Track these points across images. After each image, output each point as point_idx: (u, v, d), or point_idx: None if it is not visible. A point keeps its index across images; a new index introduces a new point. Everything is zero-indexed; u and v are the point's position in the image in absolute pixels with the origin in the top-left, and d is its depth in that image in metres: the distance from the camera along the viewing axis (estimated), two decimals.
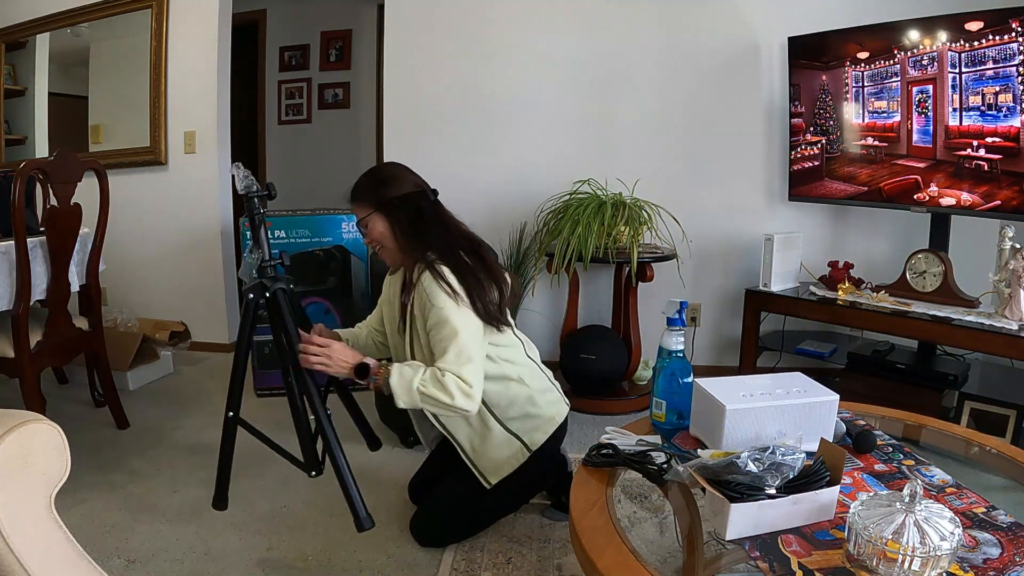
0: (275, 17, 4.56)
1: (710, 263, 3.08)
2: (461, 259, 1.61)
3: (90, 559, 0.78)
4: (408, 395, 1.51)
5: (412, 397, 1.51)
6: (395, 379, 1.52)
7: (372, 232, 1.68)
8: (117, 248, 3.07)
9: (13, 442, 0.70)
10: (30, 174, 2.08)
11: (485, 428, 1.69)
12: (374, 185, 1.69)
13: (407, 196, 1.67)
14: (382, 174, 1.74)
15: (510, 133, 3.11)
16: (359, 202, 1.69)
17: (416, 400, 1.52)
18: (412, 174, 1.74)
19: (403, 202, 1.66)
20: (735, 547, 0.99)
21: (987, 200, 2.29)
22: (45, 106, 3.60)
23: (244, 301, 1.74)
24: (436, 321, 1.54)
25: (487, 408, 1.68)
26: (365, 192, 1.69)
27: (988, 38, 2.19)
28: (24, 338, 2.09)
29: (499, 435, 1.70)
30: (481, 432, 1.70)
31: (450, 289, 1.54)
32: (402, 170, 1.75)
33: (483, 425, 1.69)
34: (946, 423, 1.55)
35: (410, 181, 1.71)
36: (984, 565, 0.92)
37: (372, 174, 1.75)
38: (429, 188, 1.72)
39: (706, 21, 2.94)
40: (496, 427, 1.69)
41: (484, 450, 1.70)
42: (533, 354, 1.82)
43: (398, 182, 1.69)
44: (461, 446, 1.71)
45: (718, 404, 1.22)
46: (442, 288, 1.54)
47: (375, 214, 1.66)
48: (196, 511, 1.96)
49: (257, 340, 2.88)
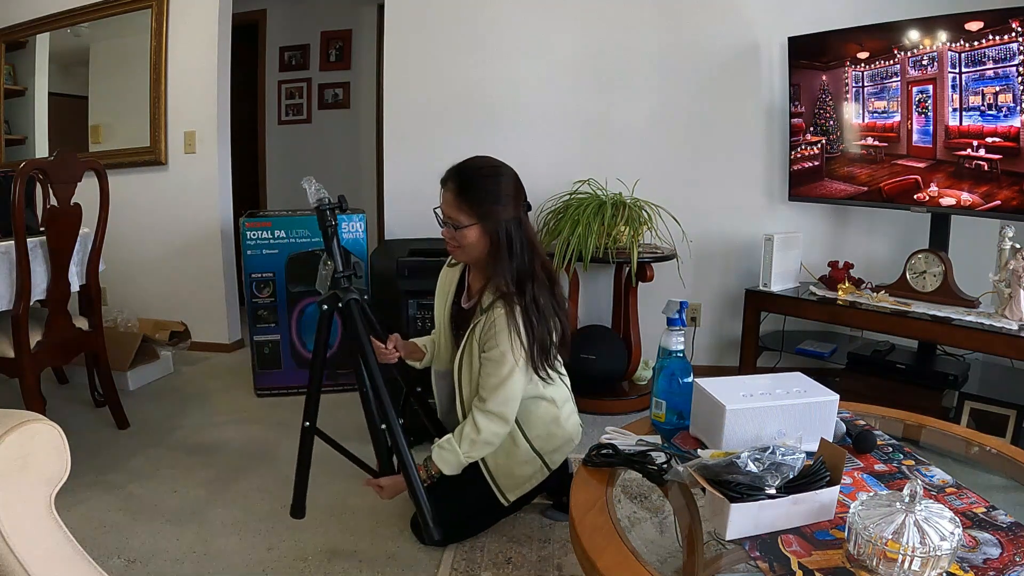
0: (275, 17, 4.56)
1: (710, 263, 3.08)
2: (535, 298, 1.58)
3: (90, 559, 0.78)
4: (458, 468, 1.66)
5: (462, 466, 1.66)
6: (443, 467, 1.66)
7: (463, 237, 1.59)
8: (117, 248, 3.06)
9: (13, 442, 0.70)
10: (30, 174, 2.09)
11: (512, 444, 1.72)
12: (488, 197, 1.57)
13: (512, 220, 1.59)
14: (498, 187, 1.60)
15: (510, 133, 3.11)
16: (465, 205, 1.57)
17: (465, 464, 1.67)
18: (520, 185, 1.65)
19: (507, 224, 1.58)
20: (735, 547, 0.99)
21: (987, 200, 2.29)
22: (45, 106, 3.60)
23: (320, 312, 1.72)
24: (495, 358, 1.59)
25: (517, 424, 1.72)
26: (476, 199, 1.57)
27: (988, 38, 2.19)
28: (24, 338, 2.09)
29: (524, 452, 1.73)
30: (508, 448, 1.73)
31: (517, 334, 1.57)
32: (514, 183, 1.64)
33: (511, 441, 1.72)
34: (946, 423, 1.55)
35: (519, 199, 1.63)
36: (984, 565, 0.92)
37: (487, 182, 1.60)
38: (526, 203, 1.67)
39: (706, 21, 2.94)
40: (523, 444, 1.73)
41: (507, 467, 1.73)
42: (565, 379, 1.84)
43: (509, 201, 1.60)
44: (484, 462, 1.73)
45: (718, 404, 1.22)
46: (511, 330, 1.56)
47: (477, 225, 1.58)
48: (196, 511, 1.96)
49: (257, 340, 2.88)
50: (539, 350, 1.60)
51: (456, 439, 1.64)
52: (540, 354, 1.60)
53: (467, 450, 1.63)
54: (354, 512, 1.96)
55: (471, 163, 1.63)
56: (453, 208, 1.58)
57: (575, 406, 1.86)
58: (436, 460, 1.64)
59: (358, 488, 2.09)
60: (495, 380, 1.60)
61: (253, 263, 2.82)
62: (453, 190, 1.58)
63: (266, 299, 2.86)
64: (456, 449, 1.63)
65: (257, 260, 2.82)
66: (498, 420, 1.62)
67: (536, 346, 1.59)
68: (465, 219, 1.58)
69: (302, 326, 2.86)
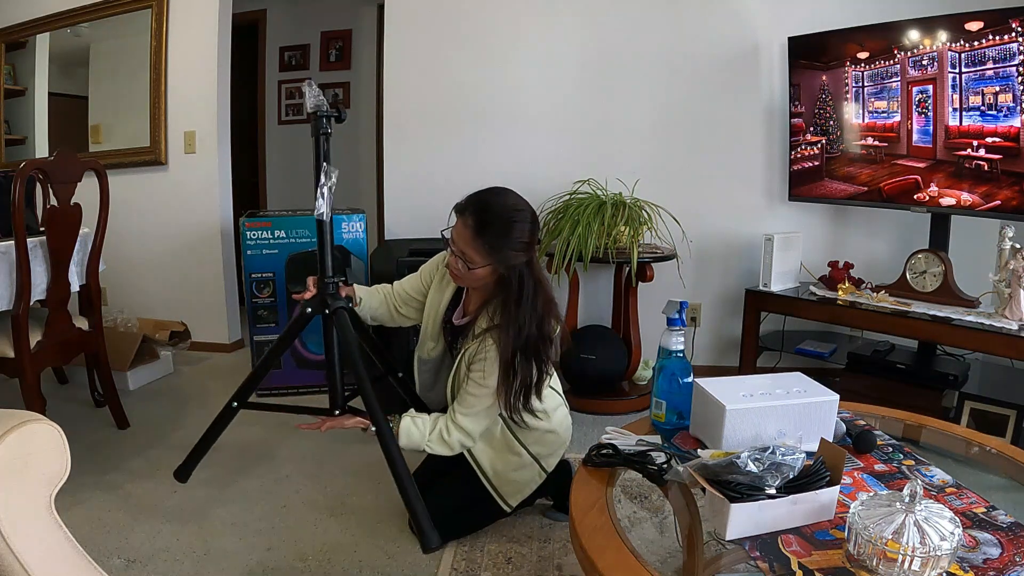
0: (275, 17, 4.56)
1: (710, 263, 3.08)
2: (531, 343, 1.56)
3: (90, 559, 0.78)
4: (413, 448, 1.65)
5: (417, 448, 1.66)
6: (404, 440, 1.64)
7: (472, 273, 1.55)
8: (117, 248, 3.07)
9: (13, 442, 0.70)
10: (30, 174, 2.08)
11: (510, 453, 1.74)
12: (508, 243, 1.51)
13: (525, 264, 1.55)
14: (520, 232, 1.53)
15: (510, 133, 3.11)
16: (484, 247, 1.51)
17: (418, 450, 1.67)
18: (537, 226, 1.60)
19: (520, 269, 1.55)
20: (735, 547, 0.99)
21: (987, 200, 2.29)
22: (45, 106, 3.60)
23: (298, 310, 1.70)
24: (477, 381, 1.61)
25: (513, 434, 1.73)
26: (495, 244, 1.51)
27: (988, 38, 2.19)
28: (24, 338, 2.09)
29: (523, 459, 1.75)
30: (504, 456, 1.74)
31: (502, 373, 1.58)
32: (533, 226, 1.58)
33: (508, 450, 1.74)
34: (946, 423, 1.55)
35: (534, 242, 1.59)
36: (984, 565, 0.92)
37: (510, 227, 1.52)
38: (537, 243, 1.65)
39: (706, 21, 2.94)
40: (521, 451, 1.74)
41: (506, 473, 1.74)
42: (555, 383, 1.83)
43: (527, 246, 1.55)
44: (483, 471, 1.74)
45: (718, 404, 1.22)
46: (500, 368, 1.57)
47: (489, 268, 1.54)
48: (196, 511, 1.96)
49: (257, 340, 2.88)
50: (522, 393, 1.60)
51: (430, 427, 1.65)
52: (522, 396, 1.60)
53: (433, 443, 1.64)
54: (354, 512, 1.96)
55: (495, 201, 1.55)
56: (468, 245, 1.51)
57: (567, 407, 1.86)
58: (402, 430, 1.64)
59: (358, 488, 2.09)
60: (472, 400, 1.63)
61: (253, 263, 2.82)
62: (472, 227, 1.50)
63: (266, 299, 2.86)
64: (424, 432, 1.64)
65: (257, 260, 2.82)
66: (466, 435, 1.65)
67: (519, 389, 1.59)
68: (479, 259, 1.52)
69: None
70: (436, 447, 1.65)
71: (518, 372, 1.57)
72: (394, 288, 1.88)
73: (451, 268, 1.60)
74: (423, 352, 1.82)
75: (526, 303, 1.55)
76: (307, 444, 2.38)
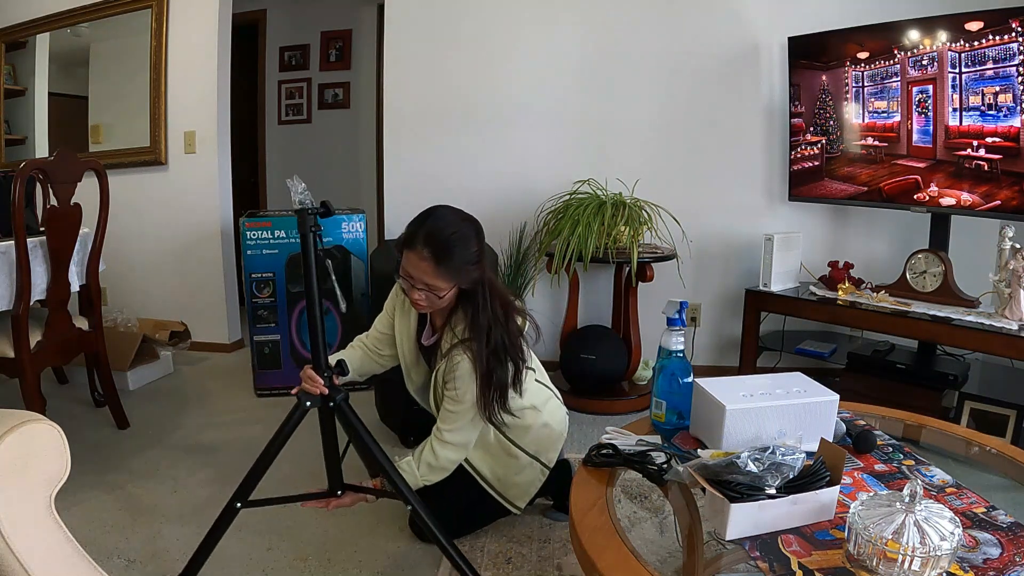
0: (275, 17, 4.56)
1: (710, 263, 3.08)
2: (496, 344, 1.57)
3: (90, 559, 0.78)
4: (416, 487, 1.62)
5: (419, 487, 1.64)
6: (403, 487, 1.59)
7: (440, 300, 1.54)
8: (117, 248, 3.07)
9: (13, 442, 0.70)
10: (30, 174, 2.08)
11: (508, 456, 1.74)
12: (467, 260, 1.52)
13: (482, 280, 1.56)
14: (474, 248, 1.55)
15: (510, 133, 3.11)
16: (447, 274, 1.50)
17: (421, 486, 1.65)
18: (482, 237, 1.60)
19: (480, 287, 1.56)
20: (735, 547, 0.99)
21: (987, 200, 2.29)
22: (45, 106, 3.60)
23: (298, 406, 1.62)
24: (453, 399, 1.61)
25: (507, 438, 1.73)
26: (456, 267, 1.51)
27: (988, 38, 2.19)
28: (24, 338, 2.09)
29: (522, 460, 1.75)
30: (504, 461, 1.74)
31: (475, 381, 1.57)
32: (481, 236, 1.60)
33: (505, 454, 1.74)
34: (946, 423, 1.55)
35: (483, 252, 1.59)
36: (984, 565, 0.92)
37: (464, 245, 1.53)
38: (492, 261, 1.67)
39: (706, 21, 2.94)
40: (519, 453, 1.74)
41: (508, 478, 1.75)
42: (542, 376, 1.84)
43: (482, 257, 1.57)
44: (486, 479, 1.75)
45: (718, 404, 1.22)
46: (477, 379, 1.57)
47: (455, 288, 1.54)
48: (196, 511, 1.96)
49: (257, 340, 2.88)
50: (498, 395, 1.59)
51: (416, 461, 1.64)
52: (498, 398, 1.59)
53: (424, 474, 1.64)
54: (354, 512, 1.96)
55: (441, 226, 1.53)
56: (431, 276, 1.50)
57: (559, 400, 1.86)
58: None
59: None
60: (452, 415, 1.62)
61: (253, 263, 2.82)
62: (430, 258, 1.49)
63: (266, 299, 2.86)
64: (415, 472, 1.64)
65: (257, 260, 2.82)
66: (454, 448, 1.64)
67: (495, 392, 1.58)
68: (445, 285, 1.51)
69: (302, 326, 2.86)
70: (430, 476, 1.65)
71: (494, 376, 1.57)
72: (368, 336, 1.85)
73: (416, 304, 1.57)
74: (411, 385, 1.81)
75: (486, 309, 1.57)
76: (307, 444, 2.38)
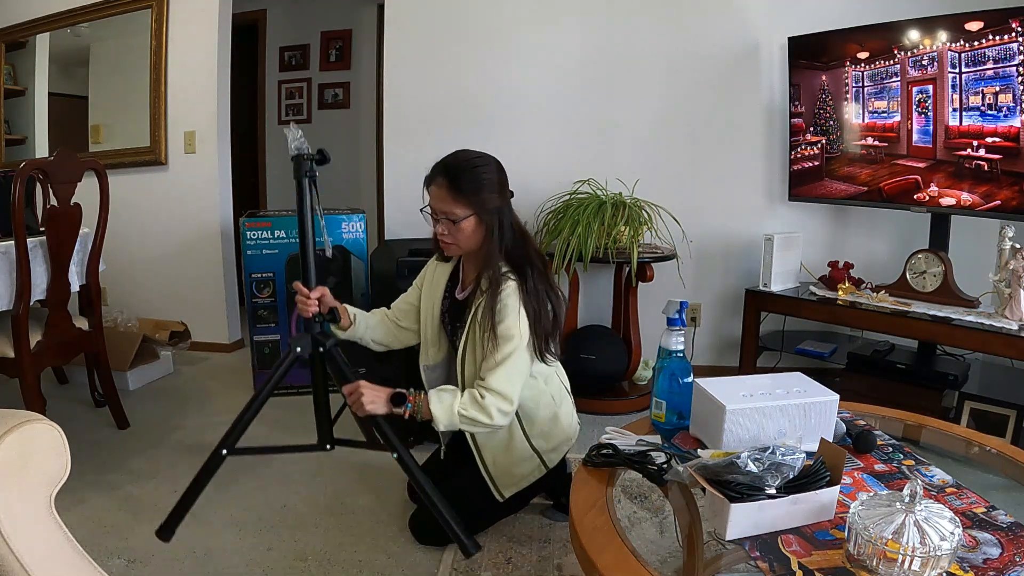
0: (275, 17, 4.56)
1: (710, 263, 3.08)
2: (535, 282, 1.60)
3: (90, 559, 0.78)
4: (449, 419, 1.54)
5: (452, 420, 1.54)
6: (436, 406, 1.54)
7: (460, 230, 1.59)
8: (117, 248, 3.06)
9: (13, 442, 0.70)
10: (30, 174, 2.09)
11: (511, 440, 1.72)
12: (479, 186, 1.58)
13: (502, 207, 1.62)
14: (488, 175, 1.62)
15: (510, 133, 3.11)
16: (461, 198, 1.57)
17: (456, 423, 1.55)
18: (504, 173, 1.67)
19: (499, 212, 1.60)
20: (735, 547, 0.99)
21: (987, 200, 2.29)
22: (45, 106, 3.60)
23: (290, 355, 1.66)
24: (501, 333, 1.56)
25: (518, 420, 1.71)
26: (470, 190, 1.57)
27: (988, 38, 2.19)
28: (24, 338, 2.09)
29: (522, 450, 1.73)
30: (506, 445, 1.72)
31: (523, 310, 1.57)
32: (500, 171, 1.66)
33: (509, 437, 1.72)
34: (946, 423, 1.55)
35: (505, 186, 1.65)
36: (984, 565, 0.92)
37: (477, 171, 1.60)
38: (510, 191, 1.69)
39: (706, 21, 2.94)
40: (521, 441, 1.72)
41: (505, 463, 1.73)
42: (563, 375, 1.85)
43: (498, 188, 1.62)
44: (483, 457, 1.73)
45: (718, 404, 1.22)
46: (520, 305, 1.56)
47: (473, 216, 1.58)
48: (196, 511, 1.95)
49: (257, 340, 2.88)
50: (540, 331, 1.60)
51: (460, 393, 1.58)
52: (541, 335, 1.61)
53: (466, 407, 1.54)
54: (354, 512, 1.96)
55: (457, 156, 1.64)
56: (447, 202, 1.58)
57: (573, 406, 1.86)
58: (432, 400, 1.54)
59: (358, 488, 2.09)
60: (499, 356, 1.55)
61: (253, 263, 2.83)
62: (445, 184, 1.58)
63: (266, 299, 2.86)
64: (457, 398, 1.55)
65: (257, 260, 2.82)
66: (500, 397, 1.54)
67: (539, 326, 1.59)
68: (461, 211, 1.57)
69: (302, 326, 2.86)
70: (473, 414, 1.53)
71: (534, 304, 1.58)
72: (393, 306, 1.89)
73: (441, 240, 1.64)
74: (427, 359, 1.81)
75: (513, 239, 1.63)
76: None
